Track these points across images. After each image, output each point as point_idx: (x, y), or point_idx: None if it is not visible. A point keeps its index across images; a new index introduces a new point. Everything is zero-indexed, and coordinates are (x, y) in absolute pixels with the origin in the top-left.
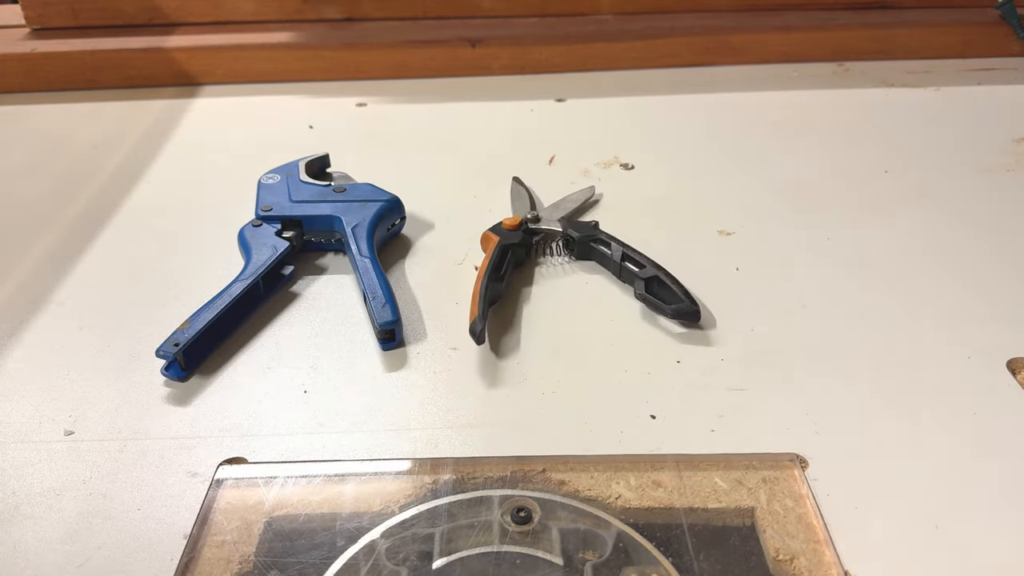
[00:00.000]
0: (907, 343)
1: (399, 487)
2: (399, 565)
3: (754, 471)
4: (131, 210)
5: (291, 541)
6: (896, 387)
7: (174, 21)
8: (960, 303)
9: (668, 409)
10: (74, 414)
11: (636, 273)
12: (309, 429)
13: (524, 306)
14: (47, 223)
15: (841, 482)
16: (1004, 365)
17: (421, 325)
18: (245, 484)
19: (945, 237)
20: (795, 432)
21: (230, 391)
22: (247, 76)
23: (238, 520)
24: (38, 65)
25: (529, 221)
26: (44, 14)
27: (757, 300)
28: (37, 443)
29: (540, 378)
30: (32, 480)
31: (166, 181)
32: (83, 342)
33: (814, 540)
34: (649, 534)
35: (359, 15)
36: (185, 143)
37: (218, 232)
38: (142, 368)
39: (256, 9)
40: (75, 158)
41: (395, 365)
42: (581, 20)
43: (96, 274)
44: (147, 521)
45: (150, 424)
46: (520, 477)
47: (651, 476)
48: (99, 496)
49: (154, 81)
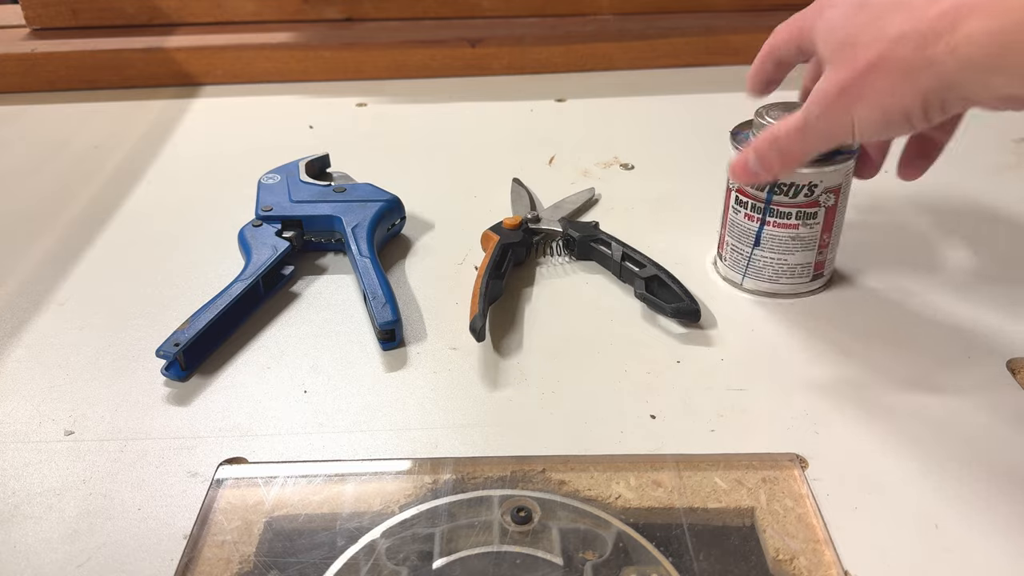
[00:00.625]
0: (906, 343)
1: (399, 487)
2: (399, 565)
3: (754, 471)
4: (131, 210)
5: (291, 541)
6: (896, 387)
7: (174, 21)
8: (960, 303)
9: (668, 409)
10: (74, 414)
11: (636, 273)
12: (309, 429)
13: (524, 306)
14: (47, 223)
15: (841, 482)
16: (1004, 365)
17: (421, 325)
18: (245, 484)
19: (945, 236)
20: (795, 432)
21: (230, 391)
22: (247, 76)
23: (238, 520)
24: (38, 65)
25: (529, 221)
26: (44, 14)
27: (757, 300)
28: (37, 443)
29: (540, 378)
30: (32, 480)
31: (166, 181)
32: (83, 342)
33: (814, 540)
34: (649, 534)
35: (359, 15)
36: (185, 143)
37: (218, 232)
38: (142, 368)
39: (256, 9)
40: (75, 158)
41: (395, 365)
42: (581, 20)
43: (96, 274)
44: (147, 521)
45: (150, 424)
46: (520, 477)
47: (651, 476)
48: (99, 496)
49: (154, 81)
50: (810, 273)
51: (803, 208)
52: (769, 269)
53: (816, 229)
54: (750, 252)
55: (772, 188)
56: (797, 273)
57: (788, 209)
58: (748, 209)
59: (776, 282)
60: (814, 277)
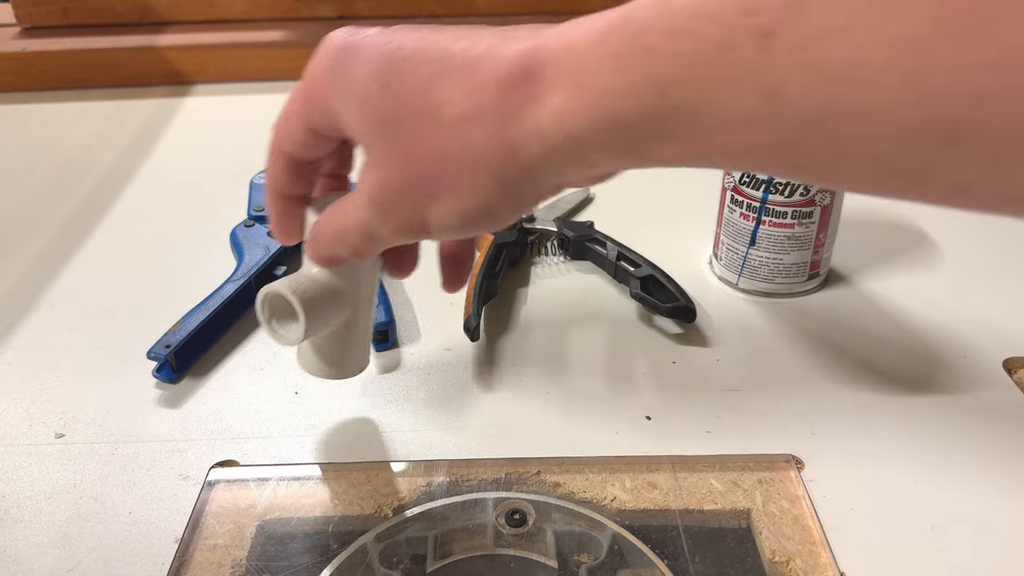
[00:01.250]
0: (903, 343)
1: (392, 490)
2: (392, 569)
3: (750, 472)
4: (122, 210)
5: (283, 545)
6: (892, 387)
7: (166, 20)
8: (956, 302)
9: (664, 410)
10: (65, 417)
11: (632, 272)
12: (302, 431)
13: (519, 306)
14: (38, 223)
15: (837, 483)
16: (1000, 364)
17: (415, 326)
18: (237, 487)
19: (942, 236)
20: (791, 433)
21: (222, 393)
22: (239, 75)
23: (230, 523)
24: (29, 64)
25: (524, 221)
26: (34, 13)
27: (753, 299)
28: (28, 446)
29: (535, 379)
30: (22, 484)
31: (158, 181)
32: (74, 344)
33: (810, 542)
34: (644, 536)
35: (352, 14)
36: (177, 143)
37: (210, 232)
38: (133, 370)
39: (248, 8)
40: (66, 158)
41: (388, 366)
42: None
43: (87, 275)
44: (138, 524)
45: (141, 427)
46: (514, 479)
47: (646, 478)
48: (90, 499)
49: (145, 80)
50: (806, 272)
51: (799, 207)
52: (765, 268)
53: (812, 228)
54: (746, 251)
55: (768, 187)
56: (793, 272)
57: (784, 208)
58: (744, 208)
59: (772, 281)
60: (810, 276)
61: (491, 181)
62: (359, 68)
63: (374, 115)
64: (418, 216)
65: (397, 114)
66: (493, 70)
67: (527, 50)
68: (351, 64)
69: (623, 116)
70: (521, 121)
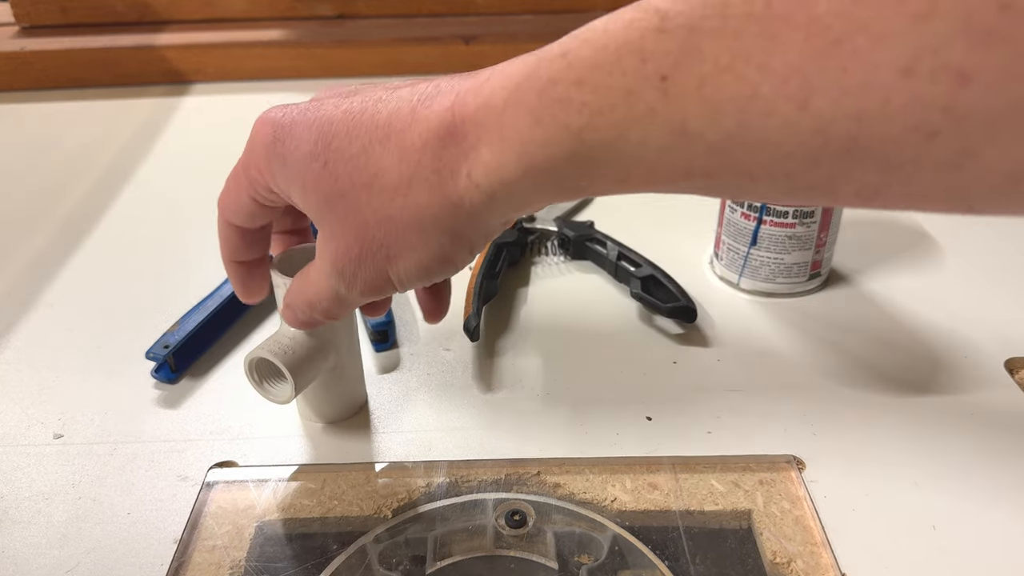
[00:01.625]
0: (904, 343)
1: (392, 490)
2: (392, 570)
3: (751, 473)
4: (121, 210)
5: (282, 546)
6: (893, 388)
7: (164, 19)
8: (958, 303)
9: (664, 410)
10: (63, 417)
11: (632, 272)
12: (301, 432)
13: (519, 306)
14: (36, 223)
15: (838, 484)
16: (1002, 365)
17: (415, 326)
18: (236, 488)
19: (943, 236)
20: (792, 433)
21: (221, 393)
22: (238, 74)
23: (229, 524)
24: (27, 63)
25: (524, 220)
26: (33, 12)
27: (754, 299)
28: (26, 447)
29: (535, 379)
30: (21, 484)
31: (156, 180)
32: (72, 344)
33: (811, 542)
34: (645, 537)
35: (351, 12)
36: (176, 142)
37: (209, 232)
38: (132, 370)
39: (247, 6)
40: (65, 157)
41: (388, 367)
42: (576, 17)
43: (86, 275)
44: (137, 525)
45: (140, 427)
46: (515, 480)
47: (647, 478)
48: (88, 500)
49: (144, 79)
50: (807, 272)
51: (800, 207)
52: (766, 268)
53: (813, 228)
54: (747, 251)
55: None
56: (794, 272)
57: (785, 208)
58: (745, 208)
59: (773, 281)
60: (811, 276)
61: (441, 235)
62: (296, 151)
63: (319, 194)
64: (381, 276)
65: (341, 189)
66: (422, 134)
67: (448, 108)
68: (287, 147)
69: (549, 162)
70: (457, 177)
